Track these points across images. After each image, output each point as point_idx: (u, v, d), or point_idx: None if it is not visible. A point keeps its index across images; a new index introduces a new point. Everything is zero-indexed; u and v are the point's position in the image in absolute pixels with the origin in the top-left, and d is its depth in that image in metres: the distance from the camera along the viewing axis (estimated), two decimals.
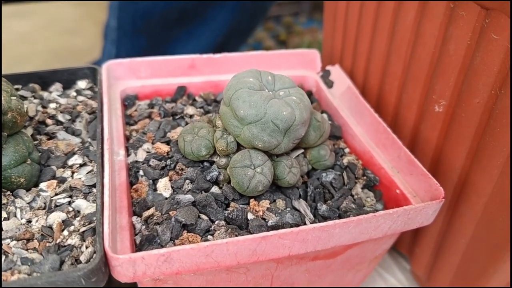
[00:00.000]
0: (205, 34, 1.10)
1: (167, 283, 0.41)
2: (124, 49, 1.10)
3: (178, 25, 1.08)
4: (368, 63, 0.61)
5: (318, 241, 0.40)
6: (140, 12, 1.04)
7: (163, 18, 1.05)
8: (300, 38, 1.97)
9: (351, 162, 0.53)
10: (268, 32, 2.02)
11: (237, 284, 0.45)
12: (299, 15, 2.18)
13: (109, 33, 1.12)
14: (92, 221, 0.40)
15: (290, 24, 2.09)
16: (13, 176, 0.42)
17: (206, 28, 1.09)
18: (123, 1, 1.03)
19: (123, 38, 1.10)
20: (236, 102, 0.45)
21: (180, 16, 1.06)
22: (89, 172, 0.45)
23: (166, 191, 0.46)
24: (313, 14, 2.21)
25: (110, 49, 1.13)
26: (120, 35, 1.09)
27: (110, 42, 1.13)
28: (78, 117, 0.52)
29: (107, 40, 1.15)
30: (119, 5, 1.05)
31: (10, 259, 0.37)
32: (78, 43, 1.67)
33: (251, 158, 0.45)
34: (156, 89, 0.61)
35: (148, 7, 1.02)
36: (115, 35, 1.10)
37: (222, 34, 1.10)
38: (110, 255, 0.36)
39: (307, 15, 2.19)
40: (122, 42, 1.10)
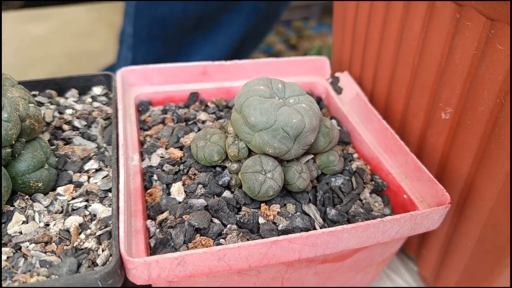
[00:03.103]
0: (221, 39, 1.10)
1: (181, 284, 0.42)
2: (140, 54, 1.11)
3: (194, 31, 1.09)
4: (376, 71, 0.62)
5: (327, 245, 0.41)
6: (156, 19, 1.05)
7: (180, 24, 1.06)
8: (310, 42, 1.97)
9: (360, 168, 0.54)
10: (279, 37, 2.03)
11: (248, 285, 0.45)
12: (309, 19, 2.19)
13: (125, 39, 1.13)
14: (108, 224, 0.41)
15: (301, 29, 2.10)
16: (31, 181, 0.42)
17: (221, 33, 1.10)
18: (139, 9, 1.04)
19: (139, 44, 1.11)
20: (247, 109, 0.45)
21: (196, 22, 1.06)
22: (105, 177, 0.46)
23: (179, 196, 0.47)
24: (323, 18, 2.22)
25: (126, 55, 1.14)
26: (136, 41, 1.10)
27: (126, 48, 1.14)
28: (94, 122, 0.53)
29: (123, 46, 1.16)
30: (135, 12, 1.06)
31: (29, 261, 0.37)
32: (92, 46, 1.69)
33: (262, 164, 0.46)
34: (169, 95, 0.61)
35: (165, 14, 1.03)
36: (131, 41, 1.11)
37: (237, 39, 1.11)
38: (126, 259, 0.36)
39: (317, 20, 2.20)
40: (138, 48, 1.11)
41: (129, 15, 1.10)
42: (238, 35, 1.12)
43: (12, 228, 0.40)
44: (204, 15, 1.06)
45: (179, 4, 1.03)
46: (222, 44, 1.12)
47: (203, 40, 1.12)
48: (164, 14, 1.05)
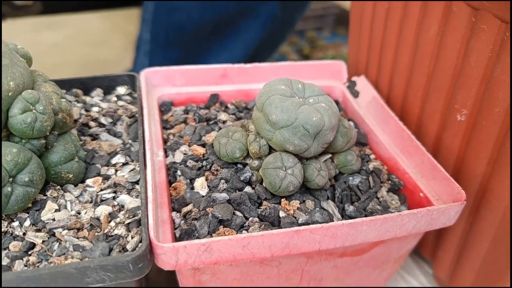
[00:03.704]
0: (237, 46, 1.14)
1: (205, 273, 0.45)
2: (157, 60, 1.14)
3: (211, 37, 1.12)
4: (393, 75, 0.64)
5: (347, 237, 0.43)
6: (174, 25, 1.08)
7: (197, 30, 1.09)
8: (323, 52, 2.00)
9: (377, 168, 0.56)
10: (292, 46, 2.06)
11: (269, 277, 0.48)
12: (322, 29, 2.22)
13: (142, 45, 1.17)
14: (136, 214, 0.44)
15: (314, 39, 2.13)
16: (62, 172, 0.45)
17: (238, 40, 1.13)
18: (156, 15, 1.08)
19: (156, 50, 1.14)
20: (269, 107, 0.48)
21: (213, 29, 1.10)
22: (132, 170, 0.49)
23: (202, 190, 0.50)
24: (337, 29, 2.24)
25: (142, 61, 1.18)
26: (153, 47, 1.14)
27: (143, 54, 1.18)
28: (119, 120, 0.56)
29: (140, 52, 1.19)
30: (153, 19, 1.09)
31: (63, 245, 0.40)
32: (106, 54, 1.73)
33: (282, 160, 0.49)
34: (191, 97, 0.64)
35: (182, 20, 1.06)
36: (148, 47, 1.15)
37: (254, 46, 1.14)
38: (155, 244, 0.39)
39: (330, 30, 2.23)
40: (155, 54, 1.15)
41: (147, 22, 1.13)
42: (254, 42, 1.15)
43: (46, 215, 0.43)
44: (221, 21, 1.09)
45: (197, 10, 1.06)
46: (238, 51, 1.15)
47: (219, 47, 1.15)
48: (182, 20, 1.08)
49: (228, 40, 1.16)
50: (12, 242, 0.40)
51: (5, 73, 0.40)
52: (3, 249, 0.40)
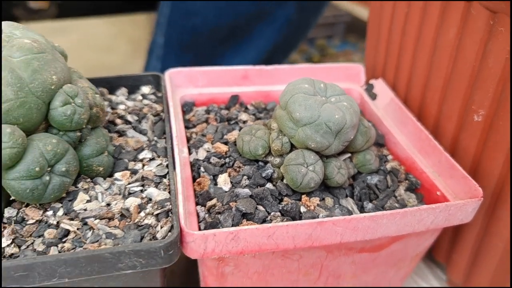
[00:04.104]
0: (252, 50, 1.16)
1: (228, 264, 0.47)
2: (169, 65, 1.17)
3: (226, 41, 1.14)
4: (410, 77, 0.67)
5: (367, 230, 0.46)
6: (189, 30, 1.11)
7: (212, 35, 1.12)
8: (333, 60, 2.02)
9: (394, 167, 0.58)
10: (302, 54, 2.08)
11: (289, 271, 0.50)
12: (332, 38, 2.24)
13: (155, 49, 1.20)
14: (164, 206, 0.46)
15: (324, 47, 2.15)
16: (94, 165, 0.48)
17: (253, 44, 1.16)
18: (171, 19, 1.11)
19: (170, 54, 1.17)
20: (292, 105, 0.51)
21: (228, 33, 1.12)
22: (159, 165, 0.52)
23: (225, 185, 0.52)
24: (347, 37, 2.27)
25: (155, 65, 1.21)
26: (167, 52, 1.17)
27: (155, 58, 1.20)
28: (144, 118, 0.59)
29: (152, 56, 1.22)
30: (168, 23, 1.12)
31: (96, 233, 0.43)
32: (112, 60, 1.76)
33: (304, 157, 0.51)
34: (212, 97, 0.67)
35: (197, 24, 1.09)
36: (162, 52, 1.18)
37: (268, 50, 1.16)
38: (186, 231, 0.41)
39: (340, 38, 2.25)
40: (168, 58, 1.17)
41: (161, 26, 1.16)
42: (269, 46, 1.17)
43: (78, 205, 0.45)
44: (236, 25, 1.12)
45: (213, 15, 1.09)
46: (253, 55, 1.17)
47: (233, 51, 1.18)
48: (197, 25, 1.11)
49: (243, 45, 1.18)
50: (47, 229, 0.43)
51: (48, 68, 0.42)
52: (38, 236, 0.43)
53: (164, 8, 1.13)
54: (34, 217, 0.44)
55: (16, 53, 0.42)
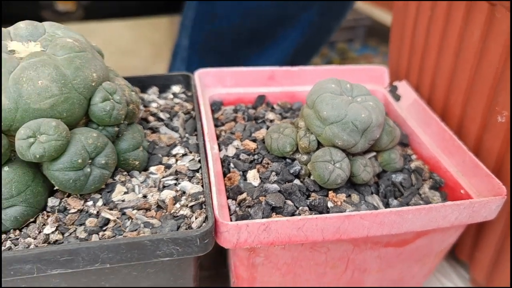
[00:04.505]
0: (275, 54, 1.18)
1: (259, 255, 0.49)
2: (193, 67, 1.19)
3: (249, 44, 1.17)
4: (434, 79, 0.69)
5: (393, 224, 0.48)
6: (214, 32, 1.13)
7: (236, 38, 1.14)
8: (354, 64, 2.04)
9: (418, 167, 0.60)
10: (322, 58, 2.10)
11: (317, 263, 0.52)
12: (353, 41, 2.25)
13: (180, 51, 1.22)
14: (198, 198, 0.49)
15: (344, 50, 2.17)
16: (130, 159, 0.51)
17: (275, 48, 1.18)
18: (197, 22, 1.13)
19: (194, 57, 1.19)
20: (320, 104, 0.53)
21: (251, 36, 1.15)
22: (191, 160, 0.54)
23: (255, 181, 0.55)
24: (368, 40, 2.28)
25: (179, 67, 1.23)
26: (191, 54, 1.19)
27: (180, 61, 1.23)
28: (175, 116, 0.62)
29: (177, 58, 1.25)
30: (193, 25, 1.14)
31: (134, 222, 0.45)
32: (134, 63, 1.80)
33: (331, 155, 0.53)
34: (239, 97, 0.70)
35: (222, 27, 1.12)
36: (186, 54, 1.20)
37: (291, 53, 1.19)
38: (221, 222, 0.44)
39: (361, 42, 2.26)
40: (192, 60, 1.20)
41: (186, 28, 1.19)
42: (292, 49, 1.20)
43: (116, 197, 0.48)
44: (260, 29, 1.14)
45: (237, 18, 1.11)
46: (276, 58, 1.20)
47: (257, 53, 1.20)
48: (222, 28, 1.14)
49: (266, 48, 1.20)
50: (88, 218, 0.46)
51: (89, 65, 0.45)
52: (80, 225, 0.45)
53: (189, 11, 1.16)
54: (75, 207, 0.46)
55: (60, 52, 0.45)
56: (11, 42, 0.45)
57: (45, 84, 0.42)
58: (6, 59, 0.42)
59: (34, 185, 0.45)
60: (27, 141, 0.41)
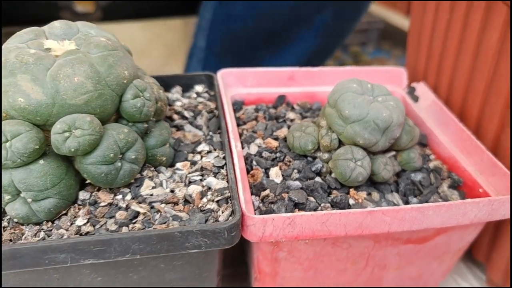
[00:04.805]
0: (290, 55, 1.20)
1: (282, 250, 0.51)
2: (210, 67, 1.21)
3: (265, 46, 1.18)
4: (452, 81, 0.70)
5: (414, 221, 0.49)
6: (230, 34, 1.15)
7: (252, 39, 1.16)
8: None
9: (437, 166, 0.62)
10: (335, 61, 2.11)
11: (338, 259, 0.54)
12: (366, 44, 2.26)
13: (196, 52, 1.24)
14: (223, 193, 0.50)
15: (358, 54, 2.18)
16: (157, 155, 0.52)
17: (290, 50, 1.20)
18: (214, 23, 1.15)
19: (210, 57, 1.21)
20: (342, 103, 0.54)
21: (267, 38, 1.16)
22: (216, 157, 0.56)
23: (277, 178, 0.56)
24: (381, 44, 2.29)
25: (195, 67, 1.25)
26: (208, 55, 1.21)
27: (196, 61, 1.25)
28: (199, 114, 0.63)
29: (193, 59, 1.27)
30: (210, 27, 1.16)
31: (163, 215, 0.47)
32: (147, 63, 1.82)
33: (352, 153, 0.55)
34: (260, 97, 0.71)
35: (238, 29, 1.13)
36: (202, 55, 1.22)
37: (305, 55, 1.20)
38: (247, 215, 0.46)
39: (374, 45, 2.27)
40: (209, 61, 1.22)
41: (203, 30, 1.20)
42: (307, 51, 1.21)
43: (144, 191, 0.50)
44: (275, 30, 1.16)
45: (253, 20, 1.13)
46: (291, 60, 1.21)
47: (272, 55, 1.21)
48: (238, 29, 1.15)
49: (281, 49, 1.22)
50: (118, 211, 0.47)
51: (121, 63, 0.47)
52: (110, 217, 0.47)
53: (206, 12, 1.18)
54: (105, 200, 0.48)
55: (94, 50, 0.47)
56: (47, 41, 0.47)
57: (81, 80, 0.44)
58: (44, 57, 0.44)
59: (67, 178, 0.47)
60: (63, 135, 0.43)
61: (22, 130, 0.43)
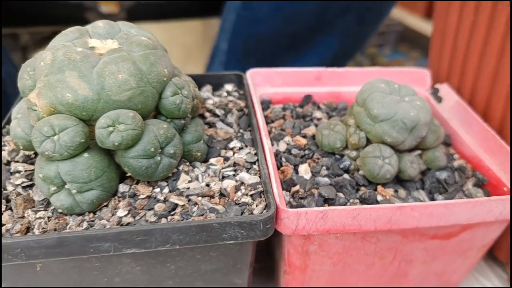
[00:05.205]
0: (311, 58, 1.21)
1: (313, 243, 0.53)
2: (231, 69, 1.23)
3: (287, 49, 1.20)
4: (476, 83, 0.71)
5: (441, 217, 0.51)
6: (253, 37, 1.16)
7: (274, 42, 1.17)
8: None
9: (461, 165, 0.63)
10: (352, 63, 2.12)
11: (367, 253, 0.55)
12: (383, 47, 2.27)
13: (218, 54, 1.26)
14: (256, 188, 0.52)
15: (375, 56, 2.19)
16: (193, 150, 0.54)
17: (313, 52, 1.21)
18: (237, 26, 1.17)
19: (232, 60, 1.23)
20: (370, 103, 0.56)
21: (289, 41, 1.18)
22: (248, 153, 0.58)
23: (306, 174, 0.58)
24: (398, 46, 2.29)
25: (217, 69, 1.27)
26: (230, 57, 1.22)
27: (218, 63, 1.27)
28: (229, 112, 0.65)
29: (215, 61, 1.28)
30: (233, 30, 1.18)
31: (201, 208, 0.49)
32: None
33: (380, 151, 0.56)
34: (286, 96, 0.73)
35: (261, 32, 1.15)
36: (224, 58, 1.24)
37: (327, 59, 1.21)
38: (282, 208, 0.47)
39: (391, 47, 2.28)
40: (230, 63, 1.23)
41: (226, 32, 1.22)
42: (329, 55, 1.22)
43: (181, 184, 0.52)
44: (299, 34, 1.17)
45: (277, 24, 1.15)
46: (312, 63, 1.22)
47: (294, 58, 1.23)
48: (262, 32, 1.17)
49: (303, 52, 1.23)
50: (157, 204, 0.49)
51: (161, 62, 0.49)
52: (149, 209, 0.49)
53: (229, 15, 1.19)
54: (144, 193, 0.50)
55: (136, 48, 0.49)
56: (91, 39, 0.49)
57: (125, 77, 0.46)
58: (90, 55, 0.46)
59: (109, 171, 0.49)
60: (107, 130, 0.45)
61: (69, 124, 0.45)
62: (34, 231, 0.47)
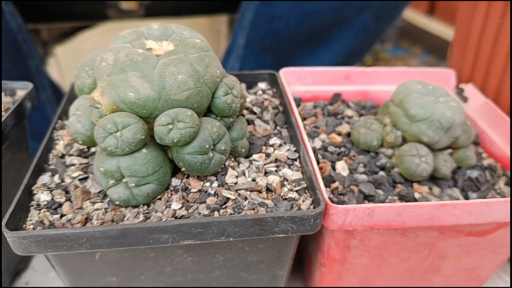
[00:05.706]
0: (328, 55, 1.23)
1: (355, 238, 0.55)
2: (248, 65, 1.25)
3: (303, 45, 1.21)
4: (501, 84, 0.73)
5: (480, 214, 0.53)
6: (271, 33, 1.18)
7: (291, 39, 1.19)
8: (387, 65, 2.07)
9: (491, 164, 0.65)
10: None
11: (404, 248, 0.57)
12: (385, 42, 2.29)
13: (235, 50, 1.27)
14: (300, 184, 0.54)
15: (377, 51, 2.20)
16: (238, 146, 0.56)
17: (329, 49, 1.23)
18: (255, 23, 1.18)
19: (249, 56, 1.24)
20: (407, 103, 0.58)
21: (306, 38, 1.19)
22: (288, 150, 0.60)
23: (344, 171, 0.60)
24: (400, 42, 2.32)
25: (233, 64, 1.28)
26: (247, 53, 1.24)
27: (234, 58, 1.28)
28: (265, 110, 0.67)
29: (231, 56, 1.30)
30: (251, 26, 1.19)
31: (251, 202, 0.51)
32: None
33: (417, 150, 0.58)
34: (316, 95, 0.75)
35: (279, 29, 1.16)
36: (241, 53, 1.25)
37: (343, 55, 1.23)
38: (330, 204, 0.49)
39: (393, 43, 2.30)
40: (247, 59, 1.25)
41: (243, 28, 1.23)
42: (344, 51, 1.24)
43: (229, 179, 0.54)
44: (316, 31, 1.19)
45: (295, 20, 1.16)
46: (328, 59, 1.24)
47: (310, 54, 1.24)
48: (279, 29, 1.18)
49: (320, 49, 1.25)
50: (209, 197, 0.51)
51: (214, 63, 0.51)
52: (201, 203, 0.51)
53: (247, 12, 1.20)
54: (196, 187, 0.52)
55: (191, 50, 0.51)
56: (148, 41, 0.51)
57: (184, 78, 0.47)
58: (150, 56, 0.48)
59: (165, 166, 0.51)
60: (167, 127, 0.47)
61: (131, 122, 0.47)
62: (92, 222, 0.49)
